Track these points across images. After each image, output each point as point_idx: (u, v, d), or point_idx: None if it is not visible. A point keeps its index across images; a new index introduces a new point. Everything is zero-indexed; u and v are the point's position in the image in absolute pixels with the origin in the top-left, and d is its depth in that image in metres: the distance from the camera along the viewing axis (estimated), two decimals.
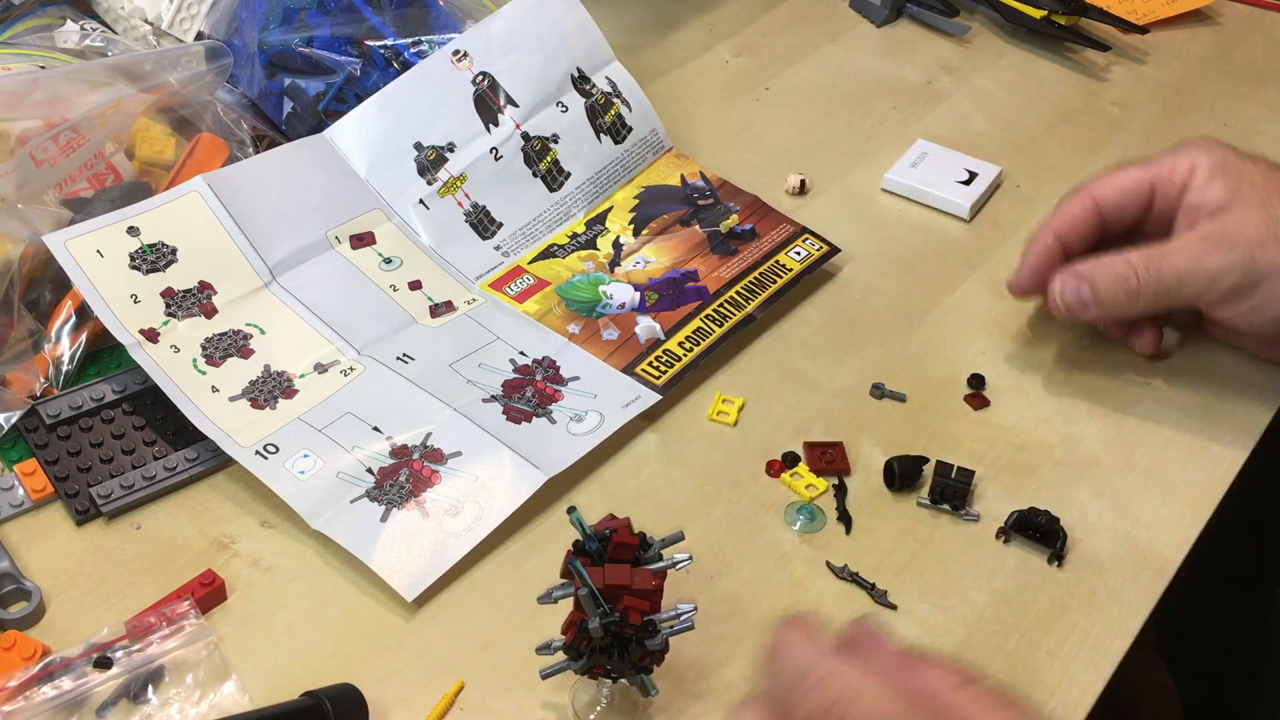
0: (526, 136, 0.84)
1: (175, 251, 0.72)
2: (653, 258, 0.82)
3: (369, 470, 0.67)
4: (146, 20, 0.88)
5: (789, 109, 0.99)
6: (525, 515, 0.66)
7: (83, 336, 0.72)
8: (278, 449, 0.67)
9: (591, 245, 0.83)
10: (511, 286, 0.80)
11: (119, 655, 0.58)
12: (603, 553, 0.52)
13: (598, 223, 0.84)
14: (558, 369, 0.74)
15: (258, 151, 0.82)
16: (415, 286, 0.77)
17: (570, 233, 0.83)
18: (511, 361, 0.74)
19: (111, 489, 0.66)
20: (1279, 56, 1.09)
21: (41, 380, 0.70)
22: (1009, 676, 0.61)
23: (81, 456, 0.67)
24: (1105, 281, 0.70)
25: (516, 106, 0.84)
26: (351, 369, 0.72)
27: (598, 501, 0.68)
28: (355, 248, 0.78)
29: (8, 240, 0.71)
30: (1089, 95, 1.03)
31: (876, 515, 0.68)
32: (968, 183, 0.90)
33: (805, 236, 0.84)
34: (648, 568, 0.52)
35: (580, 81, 0.87)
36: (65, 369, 0.71)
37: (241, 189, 0.76)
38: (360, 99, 0.82)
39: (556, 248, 0.82)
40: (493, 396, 0.72)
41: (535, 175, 0.84)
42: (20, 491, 0.66)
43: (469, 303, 0.78)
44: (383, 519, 0.65)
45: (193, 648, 0.59)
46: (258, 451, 0.67)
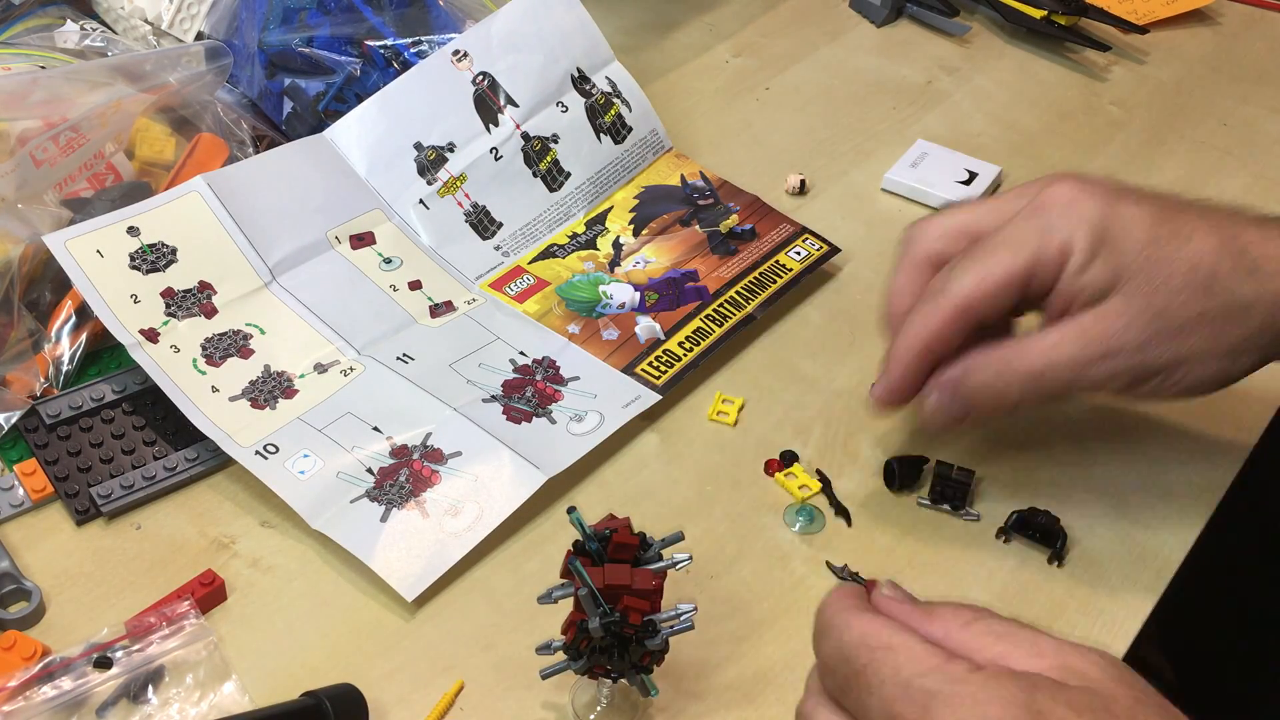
0: (526, 136, 0.84)
1: (175, 251, 0.72)
2: (653, 258, 0.82)
3: (369, 470, 0.67)
4: (146, 20, 0.88)
5: (789, 109, 0.99)
6: (525, 515, 0.66)
7: (83, 336, 0.72)
8: (278, 449, 0.67)
9: (591, 245, 0.83)
10: (511, 286, 0.80)
11: (119, 655, 0.58)
12: (603, 553, 0.52)
13: (598, 223, 0.84)
14: (558, 369, 0.74)
15: (258, 151, 0.82)
16: (415, 286, 0.77)
17: (570, 233, 0.83)
18: (511, 361, 0.74)
19: (111, 489, 0.66)
20: (1279, 56, 1.09)
21: (41, 380, 0.70)
22: None
23: (81, 456, 0.67)
24: (976, 392, 0.63)
25: (516, 106, 0.84)
26: (351, 369, 0.72)
27: (598, 501, 0.68)
28: (355, 248, 0.78)
29: (8, 240, 0.71)
30: (1089, 95, 1.02)
31: (876, 515, 0.68)
32: (968, 183, 0.90)
33: (805, 236, 0.84)
34: (648, 568, 0.52)
35: (580, 81, 0.87)
36: (65, 369, 0.71)
37: (241, 189, 0.76)
38: (360, 99, 0.82)
39: (556, 248, 0.82)
40: (493, 396, 0.72)
41: (535, 175, 0.84)
42: (20, 491, 0.66)
43: (469, 303, 0.78)
44: (383, 519, 0.65)
45: (193, 648, 0.59)
46: (258, 451, 0.67)
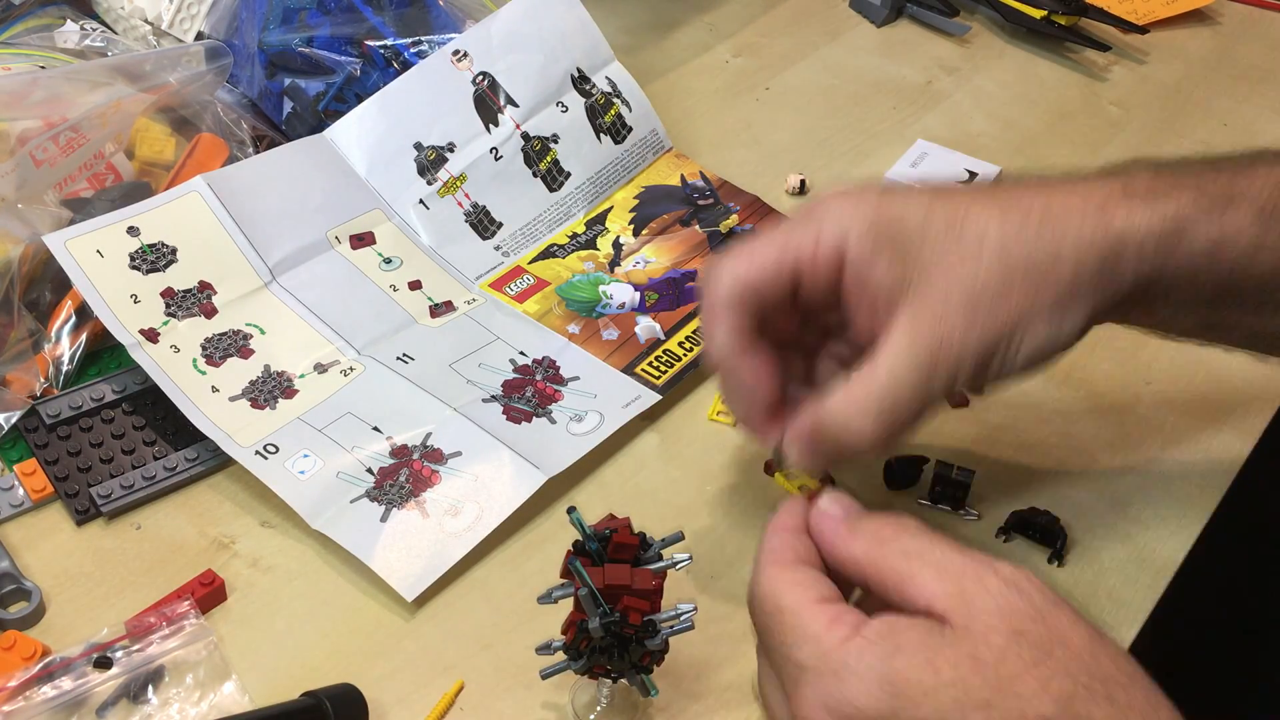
0: (526, 136, 0.84)
1: (175, 251, 0.72)
2: (653, 258, 0.82)
3: (369, 470, 0.67)
4: (146, 20, 0.88)
5: (789, 109, 0.99)
6: (525, 515, 0.66)
7: (83, 336, 0.72)
8: (278, 449, 0.67)
9: (591, 245, 0.83)
10: (511, 286, 0.80)
11: (119, 655, 0.58)
12: (603, 553, 0.52)
13: (598, 223, 0.84)
14: (558, 369, 0.74)
15: (258, 151, 0.82)
16: (415, 286, 0.77)
17: (570, 233, 0.83)
18: (511, 361, 0.74)
19: (111, 489, 0.66)
20: (1279, 56, 1.09)
21: (41, 380, 0.70)
22: None
23: (81, 456, 0.67)
24: (836, 433, 0.54)
25: (516, 106, 0.84)
26: (351, 369, 0.72)
27: (598, 501, 0.68)
28: (355, 248, 0.78)
29: (8, 240, 0.71)
30: (1089, 95, 1.02)
31: None
32: (968, 183, 0.90)
33: None
34: (648, 568, 0.52)
35: (580, 81, 0.87)
36: (65, 369, 0.71)
37: (241, 189, 0.76)
38: (360, 99, 0.82)
39: (556, 248, 0.82)
40: (493, 396, 0.72)
41: (535, 175, 0.84)
42: (20, 491, 0.66)
43: (469, 303, 0.78)
44: (383, 519, 0.65)
45: (193, 648, 0.59)
46: (258, 451, 0.67)
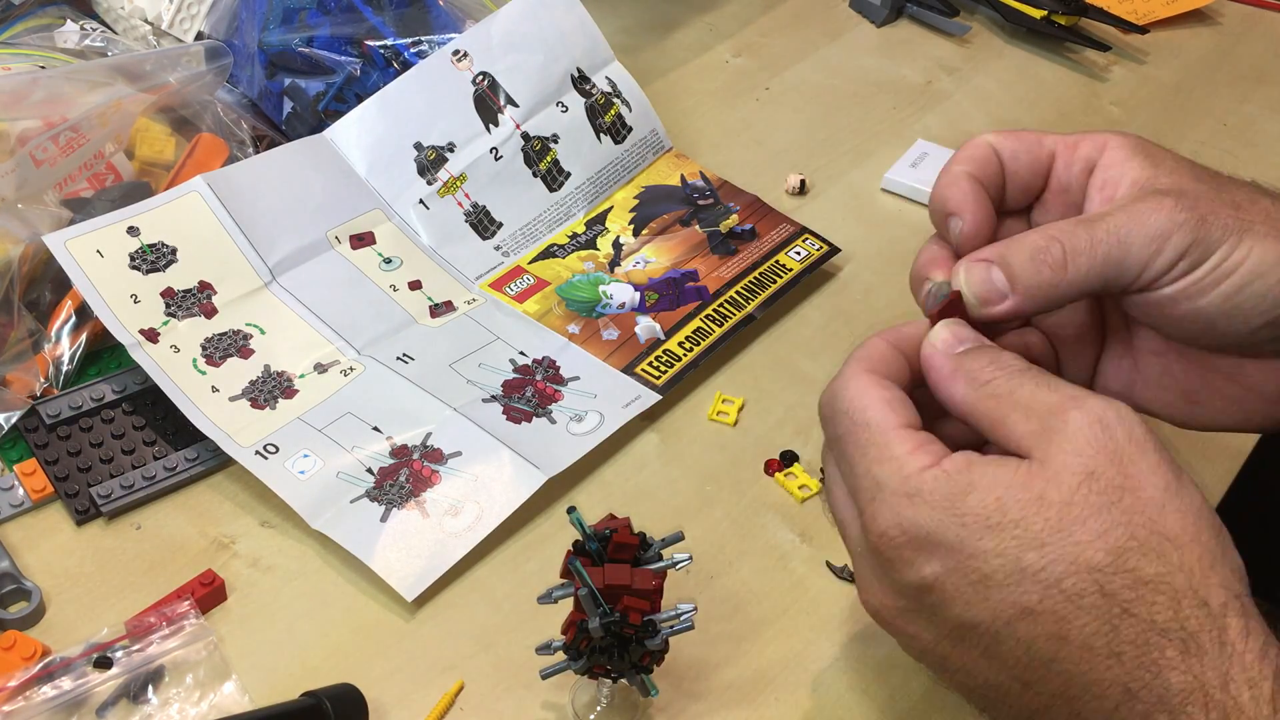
0: (526, 136, 0.84)
1: (175, 251, 0.72)
2: (653, 258, 0.82)
3: (369, 470, 0.67)
4: (146, 20, 0.88)
5: (789, 109, 0.99)
6: (525, 515, 0.66)
7: (83, 336, 0.72)
8: (278, 449, 0.67)
9: (591, 245, 0.83)
10: (511, 286, 0.80)
11: (119, 655, 0.58)
12: (603, 553, 0.52)
13: (598, 223, 0.84)
14: (558, 369, 0.74)
15: (258, 151, 0.82)
16: (415, 286, 0.77)
17: (570, 233, 0.83)
18: (511, 361, 0.74)
19: (111, 489, 0.66)
20: (1279, 56, 1.09)
21: (41, 380, 0.70)
22: None
23: (81, 456, 0.67)
24: (1021, 259, 0.53)
25: (516, 106, 0.84)
26: (351, 369, 0.72)
27: (598, 501, 0.68)
28: (355, 248, 0.78)
29: (8, 240, 0.71)
30: (1089, 95, 1.03)
31: None
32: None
33: (805, 236, 0.84)
34: (648, 568, 0.52)
35: (580, 81, 0.87)
36: (65, 369, 0.71)
37: (241, 189, 0.76)
38: (360, 99, 0.82)
39: (556, 248, 0.82)
40: (493, 396, 0.72)
41: (535, 175, 0.84)
42: (20, 491, 0.66)
43: (469, 303, 0.78)
44: (383, 519, 0.65)
45: (193, 648, 0.59)
46: (258, 451, 0.67)
